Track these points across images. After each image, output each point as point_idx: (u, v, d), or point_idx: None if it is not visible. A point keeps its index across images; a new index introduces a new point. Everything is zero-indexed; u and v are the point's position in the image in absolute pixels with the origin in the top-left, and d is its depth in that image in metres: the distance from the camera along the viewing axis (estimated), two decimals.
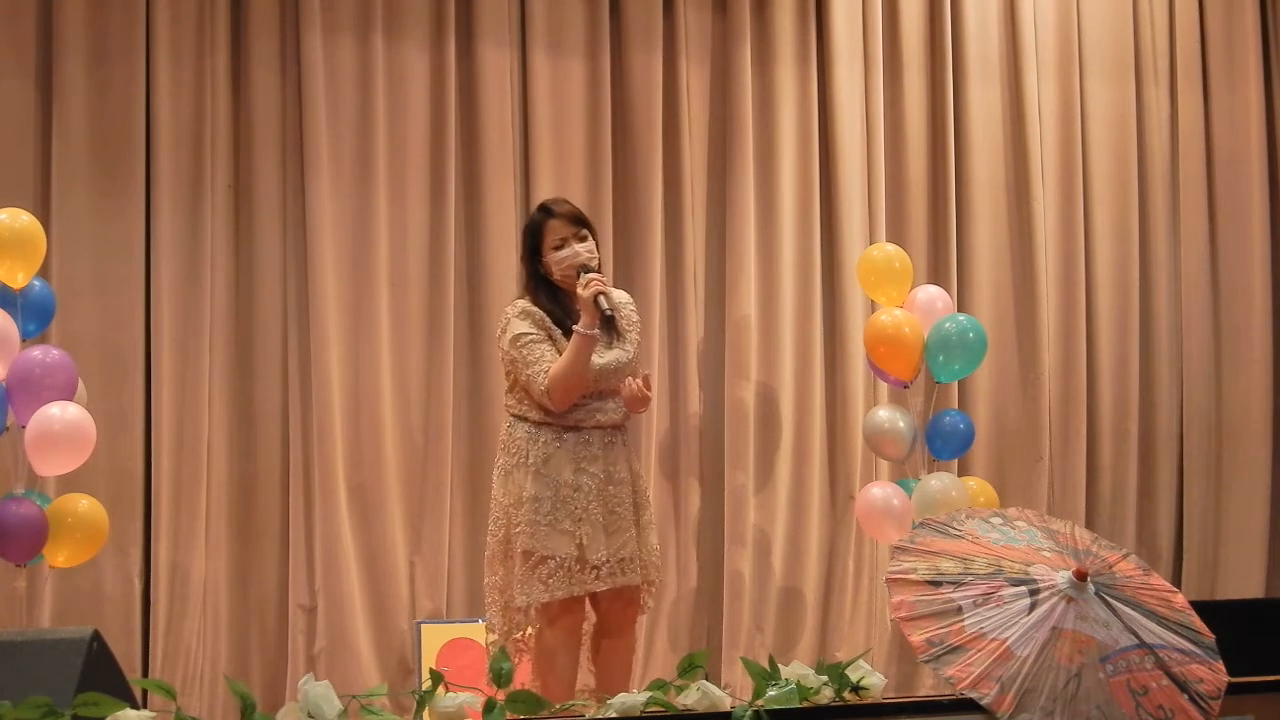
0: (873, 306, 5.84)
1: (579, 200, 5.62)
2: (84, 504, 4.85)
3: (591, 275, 4.28)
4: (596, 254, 4.42)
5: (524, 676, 4.35)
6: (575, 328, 4.23)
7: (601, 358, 4.32)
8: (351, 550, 5.51)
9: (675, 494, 5.87)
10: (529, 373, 4.26)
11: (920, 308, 5.66)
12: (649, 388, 4.37)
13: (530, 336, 4.29)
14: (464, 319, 5.78)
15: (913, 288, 5.72)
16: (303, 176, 5.59)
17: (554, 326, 4.33)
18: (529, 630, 4.29)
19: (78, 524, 4.81)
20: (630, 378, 4.35)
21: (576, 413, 4.32)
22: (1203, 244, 6.64)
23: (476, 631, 5.31)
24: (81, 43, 5.42)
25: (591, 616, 4.44)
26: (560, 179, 5.89)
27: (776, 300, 6.06)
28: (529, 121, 5.87)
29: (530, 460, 4.29)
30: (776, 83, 6.13)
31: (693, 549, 5.92)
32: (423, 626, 5.42)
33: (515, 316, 4.35)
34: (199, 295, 5.48)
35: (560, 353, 4.29)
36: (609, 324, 4.29)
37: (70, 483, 5.02)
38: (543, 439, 4.30)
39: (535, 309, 4.35)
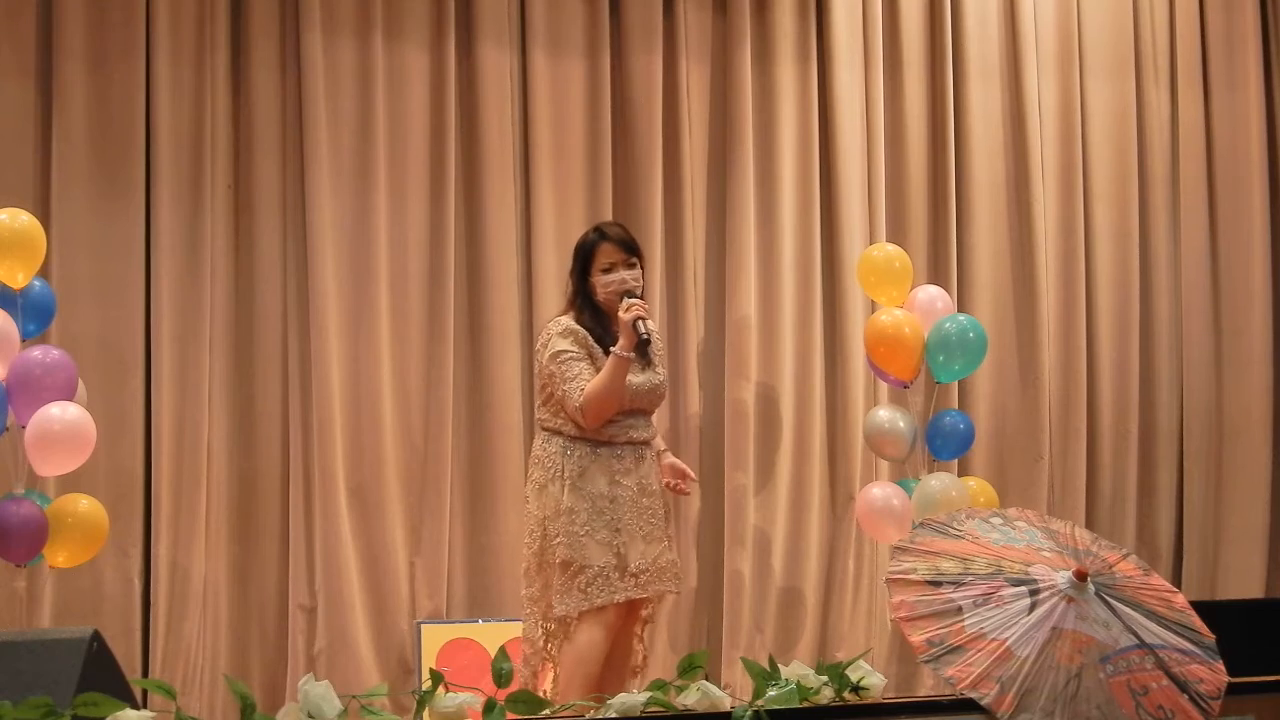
0: (873, 306, 5.83)
1: (579, 200, 5.89)
2: (84, 504, 4.84)
3: (634, 300, 4.38)
4: (642, 283, 4.50)
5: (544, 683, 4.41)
6: (613, 349, 4.33)
7: (636, 378, 4.41)
8: (351, 550, 5.51)
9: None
10: (565, 388, 4.34)
11: (920, 307, 5.64)
12: (687, 478, 4.65)
13: (570, 354, 4.38)
14: (464, 319, 5.77)
15: (913, 287, 5.71)
16: (303, 176, 5.59)
17: (595, 345, 4.41)
18: (560, 641, 4.36)
19: (78, 524, 4.80)
20: (676, 478, 4.60)
21: (610, 428, 4.40)
22: (1203, 243, 6.63)
23: (476, 632, 5.42)
24: (81, 43, 5.41)
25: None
26: (560, 179, 5.90)
27: (776, 300, 6.05)
28: (529, 121, 5.86)
29: (566, 474, 4.38)
30: (776, 82, 6.12)
31: (693, 549, 5.90)
32: (423, 626, 5.43)
33: (558, 334, 4.44)
34: (199, 295, 5.47)
35: (598, 371, 4.38)
36: (644, 348, 4.37)
37: (70, 483, 5.02)
38: (577, 453, 4.39)
39: (578, 327, 4.44)
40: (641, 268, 4.52)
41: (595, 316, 4.47)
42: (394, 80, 5.73)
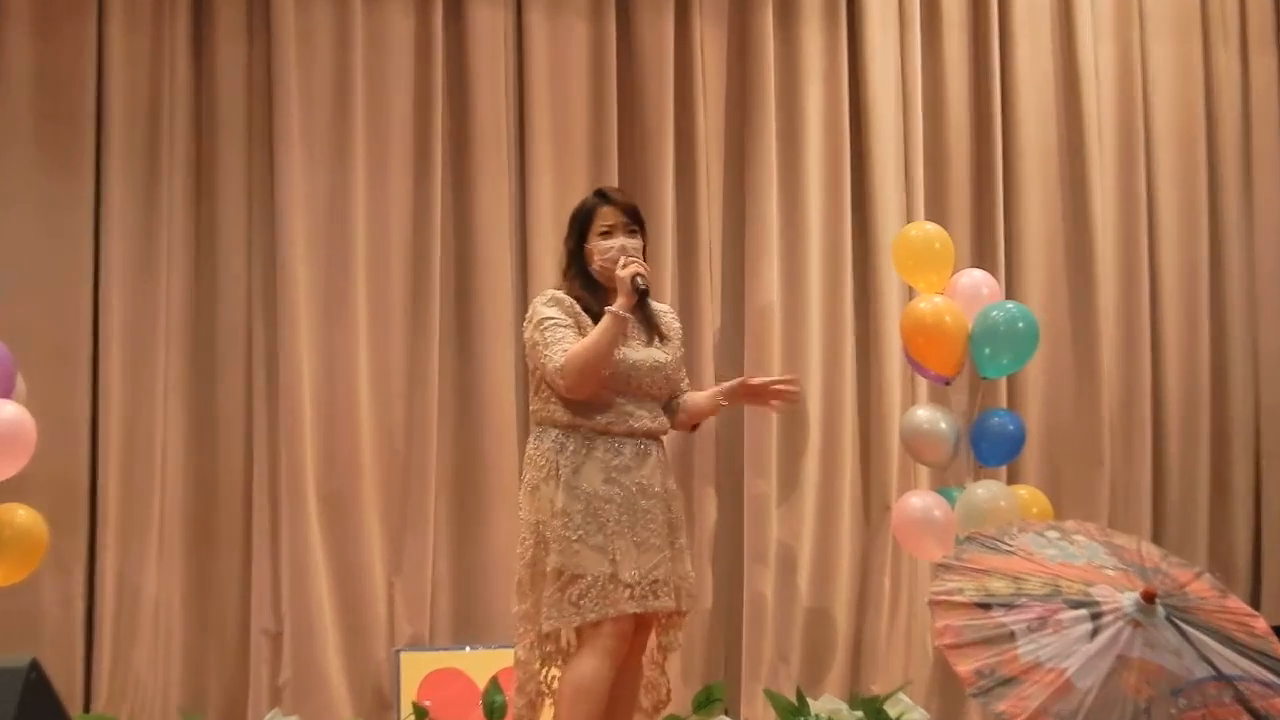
0: (910, 293, 5.72)
1: (580, 176, 5.77)
2: (21, 514, 4.77)
3: (633, 258, 4.22)
4: (643, 256, 4.35)
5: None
6: (608, 308, 4.15)
7: (636, 353, 4.22)
8: (323, 568, 5.44)
9: (689, 505, 5.62)
10: (546, 353, 4.15)
11: (963, 294, 5.53)
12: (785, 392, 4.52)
13: (554, 320, 4.20)
14: (451, 309, 5.70)
15: (955, 272, 5.60)
16: (271, 153, 5.54)
17: (583, 313, 4.24)
18: (555, 668, 4.18)
19: (14, 537, 4.73)
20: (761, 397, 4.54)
21: (607, 415, 4.17)
22: (1278, 221, 6.48)
23: (463, 660, 5.30)
24: (25, 5, 5.36)
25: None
26: (560, 154, 5.82)
27: (802, 287, 5.94)
28: (525, 90, 5.78)
29: (560, 472, 4.16)
30: (802, 45, 6.02)
31: (708, 567, 5.79)
32: (402, 654, 5.33)
33: (542, 304, 4.28)
34: (153, 284, 5.43)
35: None
36: (644, 299, 4.18)
37: (6, 490, 4.86)
38: (571, 446, 4.16)
39: (565, 297, 4.27)
40: (644, 241, 4.33)
41: (588, 287, 4.27)
42: (374, 45, 5.66)
